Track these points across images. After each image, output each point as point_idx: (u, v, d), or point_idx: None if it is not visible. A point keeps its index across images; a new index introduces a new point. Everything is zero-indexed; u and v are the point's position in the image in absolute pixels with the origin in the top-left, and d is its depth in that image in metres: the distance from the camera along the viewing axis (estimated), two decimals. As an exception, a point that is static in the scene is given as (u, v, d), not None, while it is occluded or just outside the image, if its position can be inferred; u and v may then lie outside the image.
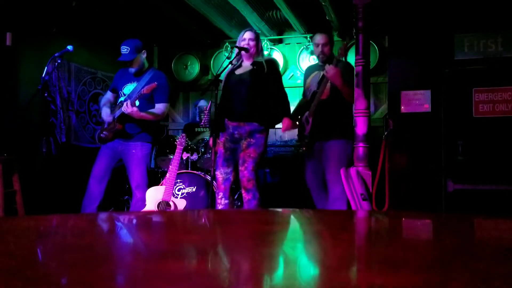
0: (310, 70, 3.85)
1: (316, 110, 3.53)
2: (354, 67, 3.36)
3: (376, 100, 4.99)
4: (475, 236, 0.88)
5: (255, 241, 0.73)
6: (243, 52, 3.32)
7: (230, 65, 3.35)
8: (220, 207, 3.35)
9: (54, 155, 4.18)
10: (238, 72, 3.37)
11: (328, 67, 3.40)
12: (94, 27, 4.70)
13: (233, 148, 3.36)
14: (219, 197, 3.36)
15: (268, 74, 3.31)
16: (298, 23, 4.80)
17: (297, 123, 3.78)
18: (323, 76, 3.50)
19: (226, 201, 3.35)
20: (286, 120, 3.35)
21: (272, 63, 3.45)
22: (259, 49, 3.39)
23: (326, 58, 3.64)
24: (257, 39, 3.38)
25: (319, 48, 3.65)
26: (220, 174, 3.35)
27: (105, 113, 3.61)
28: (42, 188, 3.67)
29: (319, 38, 3.65)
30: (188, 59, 5.66)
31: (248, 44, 3.31)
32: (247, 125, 3.27)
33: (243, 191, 3.29)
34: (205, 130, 4.64)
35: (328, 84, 3.49)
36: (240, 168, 3.27)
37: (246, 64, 3.37)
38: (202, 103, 4.97)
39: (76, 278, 0.46)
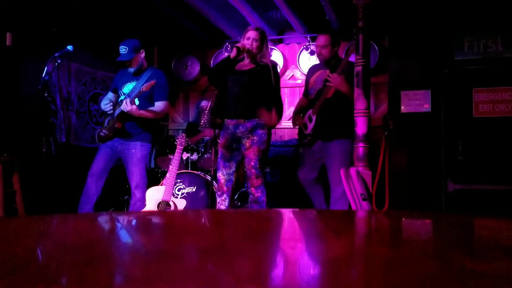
0: (314, 69, 3.84)
1: (320, 109, 3.53)
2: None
3: (376, 100, 4.99)
4: (475, 236, 0.88)
5: (255, 241, 0.73)
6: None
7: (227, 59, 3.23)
8: (222, 208, 3.31)
9: (54, 155, 4.18)
10: (238, 68, 3.30)
11: (331, 76, 3.41)
12: (94, 27, 4.70)
13: (234, 147, 3.31)
14: (222, 198, 3.30)
15: (273, 80, 3.25)
16: (298, 23, 4.80)
17: (297, 121, 3.78)
18: (326, 81, 3.50)
19: (228, 203, 3.32)
20: (272, 113, 3.19)
21: (276, 67, 3.42)
22: (263, 50, 3.28)
23: (325, 60, 3.64)
24: (262, 39, 3.27)
25: (318, 50, 3.66)
26: (222, 176, 3.29)
27: (103, 103, 3.66)
28: (42, 188, 3.67)
29: (318, 39, 3.65)
30: (188, 59, 5.66)
31: (251, 44, 3.23)
32: (248, 122, 3.22)
33: (251, 189, 3.22)
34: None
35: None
36: (247, 166, 3.22)
37: (247, 62, 3.31)
38: (204, 103, 4.96)
39: (76, 278, 0.46)
